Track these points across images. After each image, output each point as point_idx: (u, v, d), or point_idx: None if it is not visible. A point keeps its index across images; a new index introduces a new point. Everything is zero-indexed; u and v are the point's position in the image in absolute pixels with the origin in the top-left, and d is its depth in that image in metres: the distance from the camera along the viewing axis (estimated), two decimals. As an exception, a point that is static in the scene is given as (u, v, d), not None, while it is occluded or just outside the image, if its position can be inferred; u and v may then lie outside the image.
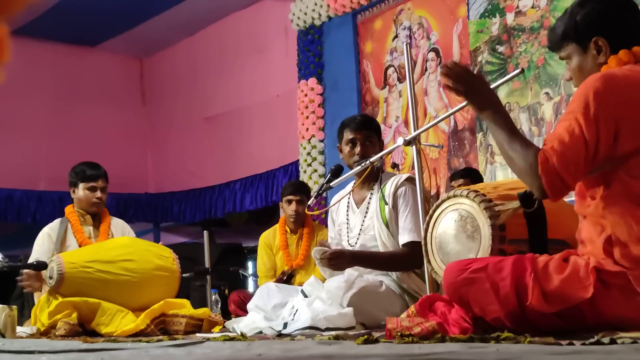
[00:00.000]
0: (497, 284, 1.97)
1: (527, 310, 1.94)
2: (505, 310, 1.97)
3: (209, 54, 8.54)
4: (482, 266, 2.03)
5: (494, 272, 1.99)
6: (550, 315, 1.93)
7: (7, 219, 8.21)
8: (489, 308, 2.00)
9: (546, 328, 1.95)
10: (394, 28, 6.45)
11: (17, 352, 2.02)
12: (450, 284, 2.08)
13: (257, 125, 7.85)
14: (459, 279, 2.04)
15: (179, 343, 2.31)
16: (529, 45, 5.30)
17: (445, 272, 2.13)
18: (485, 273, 2.00)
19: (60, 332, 3.34)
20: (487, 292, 1.98)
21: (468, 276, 2.03)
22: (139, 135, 9.29)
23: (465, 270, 2.04)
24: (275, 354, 1.62)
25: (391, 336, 2.08)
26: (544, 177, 1.91)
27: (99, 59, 9.00)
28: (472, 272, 2.03)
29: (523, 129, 5.28)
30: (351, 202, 3.52)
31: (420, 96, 6.04)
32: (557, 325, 1.95)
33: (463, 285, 2.04)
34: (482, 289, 2.00)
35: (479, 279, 2.00)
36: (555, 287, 1.92)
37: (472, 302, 2.03)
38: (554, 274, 1.94)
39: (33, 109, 8.36)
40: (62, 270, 3.48)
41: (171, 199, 9.04)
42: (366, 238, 3.40)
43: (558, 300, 1.91)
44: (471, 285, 2.02)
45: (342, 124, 3.56)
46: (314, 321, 2.85)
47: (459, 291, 2.05)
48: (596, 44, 2.08)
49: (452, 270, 2.09)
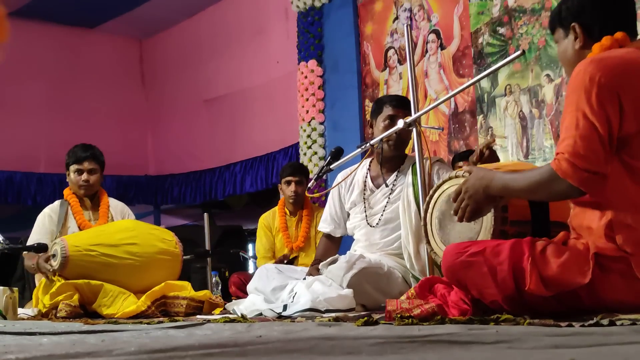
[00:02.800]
0: (495, 267, 1.98)
1: (525, 294, 1.94)
2: (503, 294, 1.97)
3: (208, 35, 8.51)
4: (480, 250, 2.03)
5: (491, 256, 2.00)
6: (548, 298, 1.94)
7: (8, 201, 8.22)
8: (487, 291, 2.01)
9: (544, 310, 1.96)
10: (394, 10, 6.41)
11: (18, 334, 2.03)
12: (448, 267, 2.09)
13: (257, 108, 7.84)
14: (456, 262, 2.05)
15: (180, 325, 2.32)
16: (529, 27, 5.27)
17: (443, 255, 2.14)
18: (483, 257, 2.01)
19: (61, 314, 3.35)
20: (485, 275, 1.99)
21: (466, 259, 2.03)
22: (139, 117, 9.28)
23: (463, 253, 2.05)
24: (275, 335, 1.63)
25: (391, 318, 2.09)
26: (568, 177, 1.90)
27: (98, 40, 8.97)
28: (469, 255, 2.03)
29: (524, 111, 5.27)
30: (368, 182, 3.51)
31: (421, 78, 6.02)
32: (555, 308, 1.96)
33: (461, 269, 2.04)
34: (479, 273, 2.00)
35: (476, 262, 2.01)
36: (553, 272, 1.92)
37: (470, 285, 2.04)
38: (552, 258, 1.94)
39: (33, 91, 8.35)
40: (66, 253, 3.49)
41: (171, 181, 9.05)
42: (390, 217, 3.39)
43: (556, 284, 1.92)
44: (469, 268, 2.02)
45: (381, 100, 3.54)
46: (314, 303, 2.86)
47: (457, 274, 2.06)
48: (574, 30, 2.12)
49: (450, 254, 2.09)
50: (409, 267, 3.27)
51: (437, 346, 1.32)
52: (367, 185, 3.50)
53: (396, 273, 3.27)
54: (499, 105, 5.44)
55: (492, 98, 5.49)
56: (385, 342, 1.35)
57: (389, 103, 3.44)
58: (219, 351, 1.28)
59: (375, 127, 3.47)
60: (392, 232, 3.40)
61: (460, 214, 2.18)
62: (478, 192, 2.14)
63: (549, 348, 1.24)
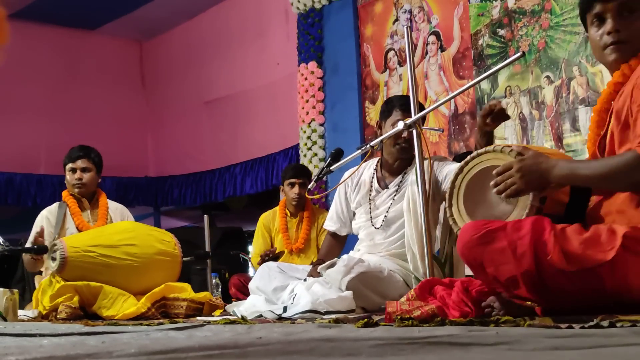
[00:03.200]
0: (515, 242, 1.93)
1: (543, 272, 1.90)
2: (521, 269, 1.91)
3: (209, 37, 8.51)
4: (500, 226, 1.99)
5: (512, 231, 1.95)
6: (567, 275, 1.89)
7: (8, 202, 8.23)
8: (504, 267, 1.95)
9: (560, 293, 1.92)
10: (394, 11, 6.42)
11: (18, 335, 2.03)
12: (465, 242, 2.03)
13: (257, 109, 7.84)
14: (474, 237, 2.00)
15: (180, 326, 2.32)
16: (530, 28, 5.28)
17: (461, 232, 2.08)
18: (504, 232, 1.96)
19: (61, 316, 3.36)
20: (504, 250, 1.94)
21: (485, 235, 1.98)
22: (139, 118, 9.29)
23: (482, 229, 2.00)
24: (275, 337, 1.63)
25: (391, 319, 2.09)
26: None
27: (99, 42, 8.98)
28: (489, 231, 1.99)
29: (524, 112, 5.28)
30: (374, 183, 3.51)
31: (421, 80, 6.02)
32: (573, 288, 1.91)
33: (479, 245, 1.99)
34: (498, 248, 1.95)
35: (496, 237, 1.96)
36: (575, 248, 1.88)
37: (487, 262, 1.98)
38: (574, 235, 1.91)
39: (33, 92, 8.35)
40: (64, 255, 3.49)
41: (171, 183, 9.05)
42: (394, 217, 3.39)
43: (577, 260, 1.87)
44: (487, 244, 1.98)
45: (390, 101, 3.51)
46: (314, 305, 2.86)
47: (473, 251, 2.01)
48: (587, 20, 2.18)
49: (469, 230, 2.04)
50: (413, 268, 3.23)
51: (437, 348, 1.32)
52: (373, 186, 3.50)
53: (397, 277, 3.26)
54: (499, 107, 5.44)
55: (492, 100, 5.49)
56: (385, 344, 1.35)
57: (399, 107, 3.40)
58: (219, 352, 1.28)
59: (383, 130, 3.45)
60: (396, 232, 3.40)
61: (502, 188, 2.12)
62: (533, 175, 2.08)
63: (549, 350, 1.24)
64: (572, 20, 5.01)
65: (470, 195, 2.33)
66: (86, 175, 4.21)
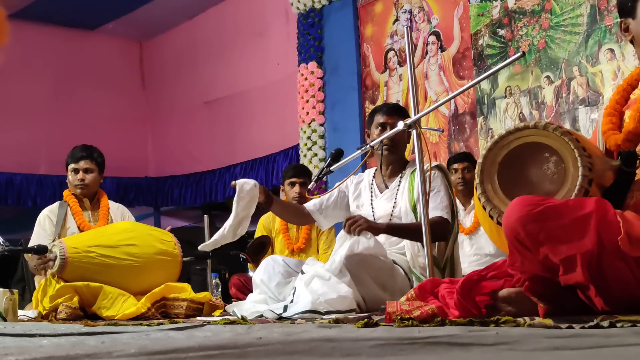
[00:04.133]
0: (579, 219, 1.84)
1: (604, 254, 1.82)
2: (583, 249, 1.81)
3: (209, 37, 8.52)
4: (563, 203, 1.89)
5: (575, 209, 1.86)
6: (628, 261, 1.82)
7: (8, 202, 8.23)
8: (564, 246, 1.84)
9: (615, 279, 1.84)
10: (394, 11, 6.42)
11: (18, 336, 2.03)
12: (520, 217, 1.88)
13: (257, 109, 7.84)
14: (533, 212, 1.87)
15: (180, 326, 2.32)
16: (530, 28, 5.28)
17: (513, 206, 1.93)
18: (567, 208, 1.86)
19: (61, 316, 3.35)
20: (566, 227, 1.84)
21: (545, 210, 1.86)
22: (139, 119, 9.29)
23: (540, 204, 1.88)
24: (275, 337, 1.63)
25: (391, 319, 2.09)
26: None
27: (98, 42, 8.98)
28: (550, 207, 1.87)
29: (524, 112, 5.28)
30: (374, 187, 3.52)
31: (421, 80, 6.02)
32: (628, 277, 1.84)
33: (537, 220, 1.86)
34: (560, 224, 1.84)
35: (558, 213, 1.86)
36: (639, 232, 1.82)
37: (544, 239, 1.86)
38: (636, 220, 1.85)
39: (32, 93, 8.36)
40: (65, 255, 3.49)
41: (171, 183, 9.05)
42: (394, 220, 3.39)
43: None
44: (547, 220, 1.85)
45: (374, 109, 3.58)
46: (314, 304, 2.85)
47: (528, 226, 1.87)
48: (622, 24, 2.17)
49: (524, 204, 1.90)
50: (412, 265, 3.27)
51: (437, 348, 1.32)
52: (373, 191, 3.51)
53: (399, 269, 3.26)
54: (499, 107, 5.45)
55: (492, 100, 5.49)
56: (385, 344, 1.35)
57: (380, 111, 3.49)
58: (219, 353, 1.28)
59: (370, 137, 3.51)
60: None
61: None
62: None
63: (549, 350, 1.24)
64: (572, 20, 5.01)
65: (506, 171, 2.15)
66: (89, 176, 4.21)
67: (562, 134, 2.07)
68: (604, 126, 2.23)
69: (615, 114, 2.21)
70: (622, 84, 2.23)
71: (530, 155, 2.11)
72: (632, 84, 2.21)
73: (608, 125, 2.21)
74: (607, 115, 2.22)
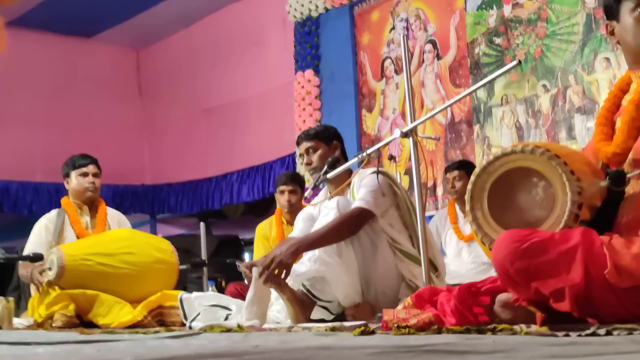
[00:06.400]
0: (566, 253, 1.83)
1: (593, 286, 1.82)
2: (570, 282, 1.81)
3: (206, 45, 8.52)
4: (548, 237, 1.88)
5: (561, 242, 1.85)
6: (617, 294, 1.82)
7: (3, 210, 8.20)
8: (552, 280, 1.83)
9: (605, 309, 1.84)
10: (391, 20, 6.43)
11: (13, 344, 2.02)
12: (507, 255, 1.88)
13: (254, 117, 7.84)
14: (519, 249, 1.86)
15: (176, 334, 2.31)
16: (526, 37, 5.29)
17: (499, 243, 1.93)
18: (552, 243, 1.86)
19: (57, 324, 3.35)
20: (552, 263, 1.83)
21: (531, 247, 1.86)
22: (136, 126, 9.28)
23: (527, 240, 1.87)
24: (272, 345, 1.62)
25: (388, 327, 2.09)
26: None
27: (96, 50, 8.98)
28: (536, 242, 1.87)
29: (520, 121, 5.29)
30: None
31: (417, 88, 6.03)
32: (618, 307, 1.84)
33: (524, 257, 1.86)
34: (546, 260, 1.84)
35: (544, 249, 1.85)
36: (627, 262, 1.80)
37: (532, 275, 1.86)
38: (622, 249, 1.83)
39: (29, 100, 8.34)
40: (62, 263, 3.48)
41: (168, 191, 9.04)
42: None
43: (630, 276, 1.80)
44: (534, 257, 1.85)
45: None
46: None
47: (516, 264, 1.86)
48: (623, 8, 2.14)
49: (510, 241, 1.89)
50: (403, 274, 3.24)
51: (433, 356, 1.31)
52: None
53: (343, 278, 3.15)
54: (496, 115, 5.46)
55: (488, 108, 5.51)
56: (382, 352, 1.35)
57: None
58: (216, 361, 1.28)
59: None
60: None
61: None
62: None
63: (545, 358, 1.24)
64: (568, 29, 5.03)
65: (495, 198, 2.13)
66: (97, 180, 4.23)
67: (550, 158, 2.02)
68: (596, 137, 2.21)
69: (607, 122, 2.19)
70: (613, 90, 2.21)
71: (519, 181, 2.09)
72: (623, 88, 2.19)
73: (600, 137, 2.19)
74: (599, 125, 2.21)
